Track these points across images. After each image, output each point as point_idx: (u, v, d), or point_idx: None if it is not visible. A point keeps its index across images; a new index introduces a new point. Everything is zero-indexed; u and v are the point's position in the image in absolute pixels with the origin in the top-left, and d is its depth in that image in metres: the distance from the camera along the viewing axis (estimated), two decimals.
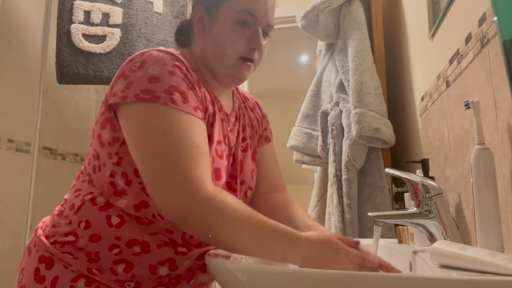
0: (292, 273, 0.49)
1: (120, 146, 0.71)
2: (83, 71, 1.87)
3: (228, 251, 0.67)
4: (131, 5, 1.99)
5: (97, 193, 0.73)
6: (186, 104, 0.68)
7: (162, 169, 0.64)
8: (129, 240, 0.70)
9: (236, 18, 0.76)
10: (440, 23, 1.15)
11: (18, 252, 1.86)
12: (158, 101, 0.66)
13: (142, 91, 0.67)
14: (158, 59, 0.69)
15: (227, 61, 0.77)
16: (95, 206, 0.71)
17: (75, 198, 0.74)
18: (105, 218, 0.71)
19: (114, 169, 0.71)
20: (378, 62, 1.68)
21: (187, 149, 0.65)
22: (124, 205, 0.71)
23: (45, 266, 0.70)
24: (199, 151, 0.66)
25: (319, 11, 1.70)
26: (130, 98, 0.67)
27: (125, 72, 0.70)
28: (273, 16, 0.80)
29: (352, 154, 1.53)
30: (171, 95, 0.67)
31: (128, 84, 0.68)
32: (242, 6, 0.75)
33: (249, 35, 0.76)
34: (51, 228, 0.73)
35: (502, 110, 0.75)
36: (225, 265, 0.60)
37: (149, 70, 0.68)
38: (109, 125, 0.72)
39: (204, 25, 0.79)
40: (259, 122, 0.93)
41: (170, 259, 0.73)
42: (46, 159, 2.30)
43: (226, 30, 0.76)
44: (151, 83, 0.67)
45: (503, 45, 0.67)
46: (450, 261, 0.59)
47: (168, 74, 0.68)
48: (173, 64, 0.70)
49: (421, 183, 0.83)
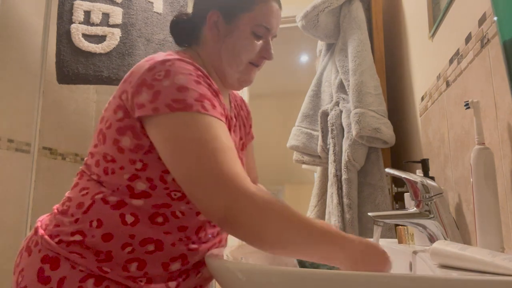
0: (292, 273, 0.49)
1: (144, 154, 0.72)
2: (83, 71, 1.87)
3: (270, 252, 0.67)
4: (131, 5, 1.99)
5: (109, 193, 0.72)
6: (215, 110, 0.70)
7: (202, 172, 0.65)
8: (143, 239, 0.71)
9: (253, 30, 0.82)
10: (440, 23, 1.15)
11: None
12: (191, 109, 0.67)
13: (173, 101, 0.67)
14: (182, 68, 0.71)
15: (240, 66, 0.83)
16: (107, 204, 0.71)
17: (82, 196, 0.73)
18: (118, 217, 0.70)
19: (136, 174, 0.72)
20: (378, 62, 1.68)
21: (223, 151, 0.66)
22: (140, 204, 0.72)
23: (50, 267, 0.69)
24: (233, 153, 0.68)
25: (319, 11, 1.70)
26: (162, 109, 0.67)
27: (148, 81, 0.70)
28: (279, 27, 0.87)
29: (352, 154, 1.53)
30: (201, 102, 0.69)
31: (155, 94, 0.68)
32: (262, 21, 0.82)
33: (262, 45, 0.83)
34: (54, 228, 0.72)
35: (502, 110, 0.75)
36: (225, 265, 0.60)
37: (175, 79, 0.69)
38: (129, 132, 0.72)
39: (219, 30, 0.82)
40: (247, 119, 0.98)
41: (183, 255, 0.74)
42: (46, 159, 2.30)
43: (244, 39, 0.81)
44: (180, 92, 0.68)
45: (503, 45, 0.67)
46: (450, 261, 0.59)
47: (195, 83, 0.70)
48: (197, 74, 0.72)
49: (421, 183, 0.83)
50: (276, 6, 0.84)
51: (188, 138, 0.67)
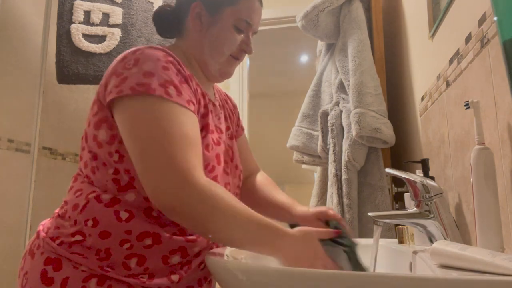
0: (291, 273, 0.49)
1: (119, 143, 0.73)
2: (83, 71, 1.87)
3: (216, 242, 0.71)
4: (131, 5, 1.99)
5: (101, 191, 0.73)
6: (180, 97, 0.70)
7: (154, 160, 0.65)
8: (140, 233, 0.71)
9: (235, 23, 0.84)
10: (440, 23, 1.15)
11: (18, 252, 1.86)
12: (154, 93, 0.68)
13: (137, 84, 0.68)
14: (151, 55, 0.72)
15: (221, 58, 0.84)
16: (101, 203, 0.72)
17: (77, 198, 0.74)
18: (113, 214, 0.71)
19: (116, 167, 0.73)
20: (378, 62, 1.68)
21: (180, 140, 0.67)
22: (132, 198, 0.72)
23: (53, 268, 0.69)
24: (191, 142, 0.68)
25: (319, 11, 1.70)
26: (126, 91, 0.68)
27: (118, 70, 0.71)
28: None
29: (352, 154, 1.53)
30: (166, 88, 0.69)
31: (122, 79, 0.70)
32: (245, 15, 0.84)
33: (243, 39, 0.86)
34: (55, 230, 0.73)
35: (502, 110, 0.75)
36: (225, 265, 0.60)
37: (143, 66, 0.70)
38: (104, 124, 0.74)
39: (202, 22, 0.84)
40: (232, 112, 1.00)
41: (181, 247, 0.74)
42: (46, 159, 2.30)
43: (226, 32, 0.83)
44: (146, 77, 0.69)
45: (503, 45, 0.67)
46: (450, 261, 0.59)
47: (162, 69, 0.71)
48: (166, 60, 0.73)
49: (421, 183, 0.83)
50: (258, 3, 0.87)
51: (146, 121, 0.67)
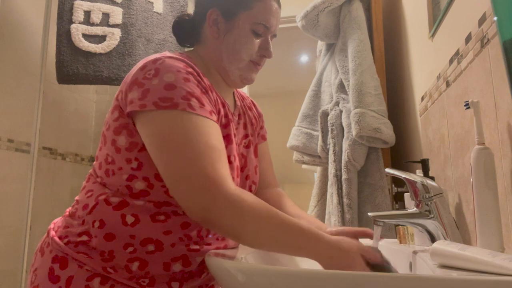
0: (292, 273, 0.49)
1: (139, 151, 0.73)
2: (83, 71, 1.87)
3: (251, 247, 0.71)
4: (131, 5, 1.99)
5: (111, 194, 0.74)
6: (202, 108, 0.71)
7: (184, 172, 0.66)
8: (144, 239, 0.72)
9: (252, 28, 0.83)
10: (440, 23, 1.15)
11: (18, 252, 1.86)
12: (177, 107, 0.68)
13: (160, 99, 0.69)
14: (171, 66, 0.72)
15: (241, 64, 0.84)
16: (109, 205, 0.73)
17: (87, 198, 0.76)
18: (119, 217, 0.72)
19: (133, 174, 0.73)
20: (378, 62, 1.68)
21: (207, 152, 0.67)
22: (141, 203, 0.73)
23: (59, 266, 0.71)
24: (218, 153, 0.69)
25: (319, 11, 1.70)
26: (149, 106, 0.69)
27: (139, 80, 0.72)
28: (278, 26, 0.88)
29: (352, 154, 1.53)
30: (188, 101, 0.69)
31: (144, 92, 0.70)
32: (261, 19, 0.83)
33: (261, 43, 0.84)
34: (64, 229, 0.75)
35: (502, 110, 0.75)
36: (225, 265, 0.60)
37: (164, 77, 0.70)
38: (125, 131, 0.74)
39: (219, 28, 0.84)
40: (256, 120, 0.98)
41: (183, 256, 0.74)
42: (46, 159, 2.30)
43: (243, 37, 0.82)
44: (168, 90, 0.69)
45: (503, 45, 0.67)
46: (450, 261, 0.59)
47: (183, 80, 0.71)
48: (186, 71, 0.73)
49: (421, 183, 0.83)
50: (275, 5, 0.85)
51: (172, 136, 0.68)
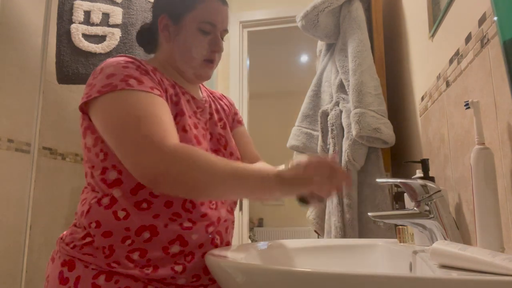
0: (291, 273, 0.49)
1: (101, 143, 0.80)
2: (83, 71, 1.86)
3: (204, 197, 0.75)
4: (131, 5, 1.99)
5: (100, 196, 0.80)
6: (141, 85, 0.77)
7: (128, 142, 0.71)
8: (138, 228, 0.76)
9: (199, 27, 0.88)
10: (440, 23, 1.15)
11: (18, 252, 1.86)
12: (116, 88, 0.75)
13: (102, 87, 0.76)
14: (112, 61, 0.80)
15: (193, 62, 0.90)
16: (101, 206, 0.78)
17: (83, 206, 0.82)
18: (112, 214, 0.77)
19: (104, 166, 0.79)
20: (378, 62, 1.68)
21: (147, 119, 0.72)
22: (119, 194, 0.78)
23: (68, 269, 0.76)
24: (159, 119, 0.73)
25: (319, 11, 1.70)
26: (94, 94, 0.76)
27: (89, 81, 0.80)
28: (228, 22, 0.94)
29: (352, 154, 1.53)
30: (126, 81, 0.76)
31: (91, 87, 0.78)
32: (205, 18, 0.88)
33: (210, 40, 0.90)
34: (70, 236, 0.80)
35: (502, 110, 0.75)
36: (225, 265, 0.60)
37: (105, 71, 0.78)
38: (88, 131, 0.81)
39: (170, 32, 0.90)
40: (229, 107, 1.06)
41: (179, 236, 0.78)
42: (46, 159, 2.30)
43: (191, 37, 0.88)
44: (108, 78, 0.77)
45: (503, 45, 0.67)
46: (450, 261, 0.59)
47: (122, 68, 0.78)
48: (125, 61, 0.80)
49: (418, 184, 0.83)
50: (218, 3, 0.90)
51: (115, 112, 0.74)
